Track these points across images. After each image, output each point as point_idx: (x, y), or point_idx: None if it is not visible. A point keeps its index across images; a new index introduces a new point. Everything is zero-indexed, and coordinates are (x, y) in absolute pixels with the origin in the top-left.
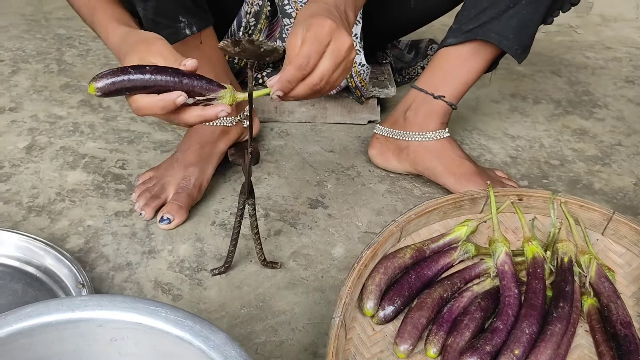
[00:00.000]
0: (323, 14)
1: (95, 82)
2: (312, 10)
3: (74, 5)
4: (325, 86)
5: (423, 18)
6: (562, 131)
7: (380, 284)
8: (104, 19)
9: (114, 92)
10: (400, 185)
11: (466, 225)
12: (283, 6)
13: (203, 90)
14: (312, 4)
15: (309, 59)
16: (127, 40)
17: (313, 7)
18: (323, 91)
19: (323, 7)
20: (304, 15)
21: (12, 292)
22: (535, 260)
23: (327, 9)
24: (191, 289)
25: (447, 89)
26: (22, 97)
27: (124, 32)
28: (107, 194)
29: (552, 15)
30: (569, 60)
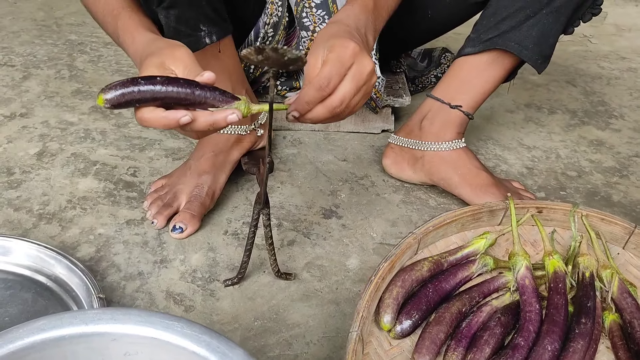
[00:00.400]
0: (345, 36)
1: (104, 94)
2: (333, 31)
3: (95, 9)
4: (344, 110)
5: (440, 28)
6: (578, 142)
7: (397, 297)
8: (131, 24)
9: (123, 104)
10: (415, 195)
11: (485, 238)
12: (301, 19)
13: (216, 101)
14: (332, 25)
15: (330, 80)
16: (152, 45)
17: (334, 28)
18: (342, 115)
19: (344, 29)
20: (324, 36)
21: (22, 301)
22: (556, 275)
23: (349, 31)
24: (204, 299)
25: (464, 99)
26: (33, 103)
27: (151, 38)
28: (119, 201)
29: (573, 25)
30: (583, 70)
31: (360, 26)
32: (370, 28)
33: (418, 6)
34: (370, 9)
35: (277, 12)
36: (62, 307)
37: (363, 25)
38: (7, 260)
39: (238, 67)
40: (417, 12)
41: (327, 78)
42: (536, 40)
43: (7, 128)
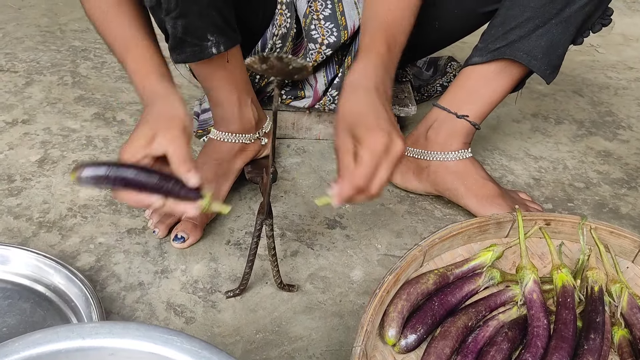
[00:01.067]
0: (373, 121)
1: (78, 172)
2: (358, 108)
3: (102, 28)
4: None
5: (447, 38)
6: (586, 152)
7: (402, 311)
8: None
9: (94, 184)
10: (421, 206)
11: (491, 251)
12: (309, 31)
13: (182, 198)
14: (353, 93)
15: (368, 179)
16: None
17: (356, 100)
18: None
19: (368, 101)
20: (349, 115)
21: (21, 311)
22: (565, 289)
23: (373, 103)
24: (205, 311)
25: (471, 109)
26: (36, 109)
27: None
28: (120, 210)
29: (583, 35)
30: (590, 80)
31: (379, 83)
32: (387, 79)
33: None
34: (384, 56)
35: (285, 23)
36: (60, 318)
37: (381, 81)
38: (6, 270)
39: (245, 77)
40: (425, 23)
41: (365, 178)
42: (545, 51)
43: (8, 134)
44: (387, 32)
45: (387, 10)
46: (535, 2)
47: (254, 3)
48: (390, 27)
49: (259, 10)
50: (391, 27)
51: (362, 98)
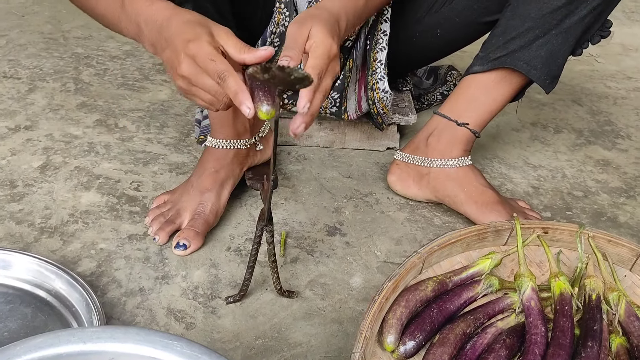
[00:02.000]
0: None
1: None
2: (322, 17)
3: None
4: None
5: (449, 47)
6: (584, 161)
7: (401, 317)
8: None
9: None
10: (420, 213)
11: (490, 258)
12: None
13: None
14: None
15: (321, 72)
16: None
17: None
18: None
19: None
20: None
21: (22, 316)
22: (562, 297)
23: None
24: (205, 317)
25: (472, 117)
26: (38, 116)
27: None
28: (121, 216)
29: (582, 46)
30: (589, 90)
31: (342, 23)
32: (350, 24)
33: (427, 25)
34: (359, 4)
35: (284, 21)
36: (61, 323)
37: (345, 23)
38: (8, 274)
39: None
40: (427, 32)
41: (320, 69)
42: (545, 61)
43: (11, 140)
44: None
45: None
46: (536, 12)
47: (253, 1)
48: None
49: (258, 8)
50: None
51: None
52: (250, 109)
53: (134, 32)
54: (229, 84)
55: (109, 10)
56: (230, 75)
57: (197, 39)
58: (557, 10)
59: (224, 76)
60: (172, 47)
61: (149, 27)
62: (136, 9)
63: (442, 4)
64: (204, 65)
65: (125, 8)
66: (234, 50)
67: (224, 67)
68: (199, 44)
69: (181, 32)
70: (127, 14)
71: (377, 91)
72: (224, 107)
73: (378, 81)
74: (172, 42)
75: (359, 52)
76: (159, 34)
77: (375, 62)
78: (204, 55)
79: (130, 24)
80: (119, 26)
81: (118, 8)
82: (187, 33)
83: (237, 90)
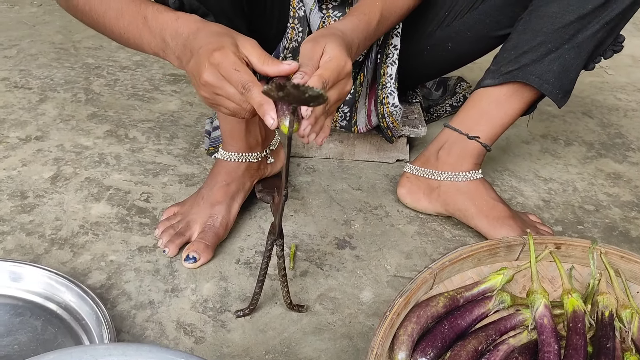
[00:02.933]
0: (345, 51)
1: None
2: (337, 38)
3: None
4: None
5: (460, 60)
6: (595, 175)
7: (412, 334)
8: (169, 12)
9: None
10: (430, 227)
11: (502, 274)
12: None
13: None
14: (336, 31)
15: (328, 83)
16: (214, 26)
17: (336, 33)
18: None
19: (344, 42)
20: (328, 35)
21: (32, 329)
22: (575, 314)
23: (347, 46)
24: (214, 331)
25: (482, 130)
26: (49, 126)
27: (200, 21)
28: (131, 227)
29: (594, 61)
30: (600, 102)
31: (354, 45)
32: (361, 46)
33: (439, 39)
34: (371, 27)
35: (297, 37)
36: (71, 336)
37: (357, 45)
38: (18, 287)
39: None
40: (438, 45)
41: (326, 79)
42: (557, 75)
43: (22, 151)
44: (383, 6)
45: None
46: (548, 27)
47: (267, 16)
48: (386, 3)
49: (273, 23)
50: (387, 3)
51: (341, 38)
52: (274, 120)
53: (157, 47)
54: (253, 94)
55: (130, 27)
56: (255, 86)
57: (221, 48)
58: (570, 24)
59: (248, 86)
60: (197, 57)
61: (175, 40)
62: (161, 23)
63: (453, 18)
64: (228, 74)
65: (149, 23)
66: (257, 61)
67: (248, 77)
68: (224, 53)
69: (207, 42)
70: (151, 29)
71: (387, 105)
72: (249, 115)
73: (388, 95)
74: (197, 52)
75: (369, 66)
76: (184, 46)
77: (386, 76)
78: (228, 65)
79: (154, 39)
80: (140, 42)
81: (140, 24)
82: (213, 43)
83: (261, 101)
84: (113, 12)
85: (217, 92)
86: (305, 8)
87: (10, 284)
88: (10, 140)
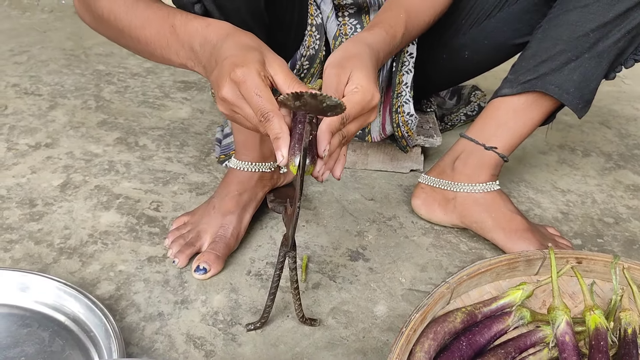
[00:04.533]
0: (372, 77)
1: None
2: (363, 60)
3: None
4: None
5: (476, 69)
6: (614, 186)
7: (429, 350)
8: (198, 19)
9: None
10: (446, 239)
11: (521, 289)
12: None
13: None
14: (363, 46)
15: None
16: (245, 37)
17: (363, 53)
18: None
19: (370, 62)
20: (354, 55)
21: (39, 341)
22: (598, 332)
23: (373, 66)
24: (225, 344)
25: (500, 141)
26: (59, 133)
27: (230, 29)
28: (141, 237)
29: (615, 70)
30: (617, 112)
31: (380, 60)
32: (382, 62)
33: (455, 47)
34: (395, 39)
35: (314, 45)
36: (79, 348)
37: (382, 59)
38: (26, 297)
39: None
40: (454, 54)
41: (347, 114)
42: (577, 85)
43: (31, 158)
44: (407, 19)
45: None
46: (568, 35)
47: (286, 25)
48: (410, 16)
49: (291, 31)
50: (411, 17)
51: (368, 58)
52: (284, 158)
53: (185, 56)
54: (272, 125)
55: (157, 36)
56: (275, 116)
57: (245, 65)
58: (590, 33)
59: (267, 116)
60: (219, 68)
61: (203, 48)
62: (190, 32)
63: (470, 25)
64: (249, 97)
65: (177, 32)
66: (282, 83)
67: (269, 106)
68: (247, 72)
69: (232, 54)
70: (179, 38)
71: (402, 114)
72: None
73: (403, 104)
74: (220, 63)
75: (384, 75)
76: (211, 54)
77: (401, 84)
78: (250, 86)
79: (182, 49)
80: (167, 52)
81: (167, 33)
82: (237, 57)
83: (278, 134)
84: (139, 21)
85: (235, 110)
86: (323, 15)
87: (18, 294)
88: (20, 147)
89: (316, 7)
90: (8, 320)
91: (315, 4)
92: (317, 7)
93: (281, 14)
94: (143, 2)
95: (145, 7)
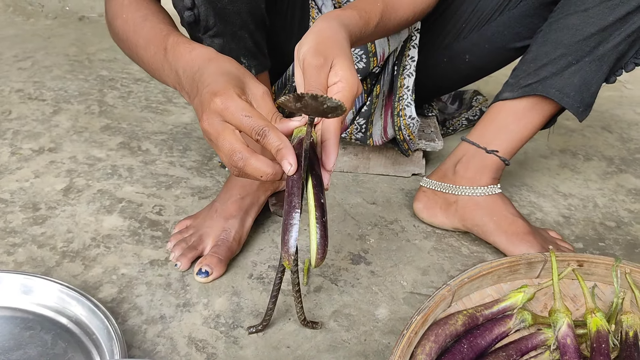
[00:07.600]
0: (354, 66)
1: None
2: (343, 48)
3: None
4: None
5: (477, 73)
6: (616, 190)
7: (430, 353)
8: (187, 40)
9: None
10: (447, 242)
11: (522, 292)
12: None
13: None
14: (340, 27)
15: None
16: (231, 63)
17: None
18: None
19: (347, 43)
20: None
21: (42, 343)
22: (599, 335)
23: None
24: (226, 347)
25: (501, 144)
26: (62, 138)
27: (212, 54)
28: (143, 240)
29: (616, 74)
30: (619, 116)
31: (351, 43)
32: (355, 45)
33: (456, 51)
34: (369, 27)
35: None
36: (81, 351)
37: (353, 43)
38: (29, 300)
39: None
40: (455, 57)
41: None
42: (578, 88)
43: (35, 162)
44: (384, 9)
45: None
46: (569, 39)
47: (288, 28)
48: (387, 8)
49: (293, 35)
50: (388, 8)
51: (342, 32)
52: (292, 165)
53: (174, 80)
54: (270, 139)
55: (155, 58)
56: (271, 130)
57: (224, 92)
58: (591, 37)
59: (263, 132)
60: (199, 97)
61: (186, 73)
62: (176, 55)
63: (471, 29)
64: (238, 121)
65: (167, 55)
66: (265, 116)
67: (262, 122)
68: (227, 98)
69: (211, 81)
70: (169, 61)
71: (403, 117)
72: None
73: (405, 107)
74: (200, 92)
75: (386, 78)
76: (193, 80)
77: (403, 88)
78: (235, 111)
79: (171, 72)
80: (162, 74)
81: (161, 56)
82: (217, 84)
83: (279, 146)
84: (143, 41)
85: (218, 141)
86: None
87: (21, 297)
88: (24, 152)
89: (317, 9)
90: (11, 323)
91: (316, 6)
92: (318, 9)
93: (282, 16)
94: (150, 22)
95: (150, 27)
